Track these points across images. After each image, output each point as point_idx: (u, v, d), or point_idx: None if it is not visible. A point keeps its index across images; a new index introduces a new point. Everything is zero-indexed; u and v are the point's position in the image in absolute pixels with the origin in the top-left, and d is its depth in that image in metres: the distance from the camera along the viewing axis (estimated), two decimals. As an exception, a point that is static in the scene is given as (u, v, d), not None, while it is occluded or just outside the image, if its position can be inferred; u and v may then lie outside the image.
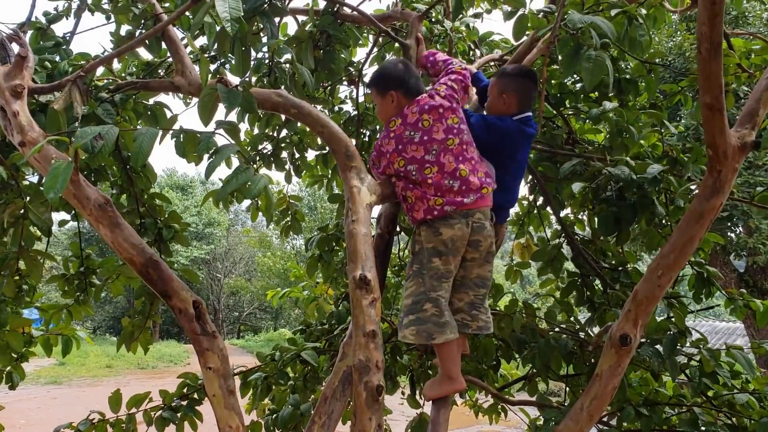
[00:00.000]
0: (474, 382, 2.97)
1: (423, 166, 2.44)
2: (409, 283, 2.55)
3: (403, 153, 2.46)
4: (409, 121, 2.48)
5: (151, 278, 2.14)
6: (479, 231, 2.48)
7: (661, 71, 10.74)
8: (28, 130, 2.10)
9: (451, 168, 2.45)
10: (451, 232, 2.44)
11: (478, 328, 2.60)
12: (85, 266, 3.58)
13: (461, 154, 2.48)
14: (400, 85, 2.57)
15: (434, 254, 2.47)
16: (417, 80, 2.61)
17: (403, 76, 2.59)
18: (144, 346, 3.73)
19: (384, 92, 2.58)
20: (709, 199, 2.14)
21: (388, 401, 4.09)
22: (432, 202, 2.43)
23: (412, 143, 2.45)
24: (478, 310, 2.60)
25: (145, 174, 3.46)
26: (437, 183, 2.43)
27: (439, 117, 2.49)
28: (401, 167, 2.48)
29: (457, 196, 2.43)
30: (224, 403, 2.26)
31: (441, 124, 2.48)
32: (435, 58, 2.87)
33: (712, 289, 3.16)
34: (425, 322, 2.45)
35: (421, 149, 2.45)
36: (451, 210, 2.42)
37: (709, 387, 3.02)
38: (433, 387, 2.65)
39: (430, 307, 2.46)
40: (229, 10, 2.03)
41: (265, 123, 4.33)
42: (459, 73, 2.67)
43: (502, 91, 2.71)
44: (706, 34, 1.88)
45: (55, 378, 20.34)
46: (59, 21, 3.21)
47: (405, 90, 2.57)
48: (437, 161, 2.44)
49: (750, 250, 11.31)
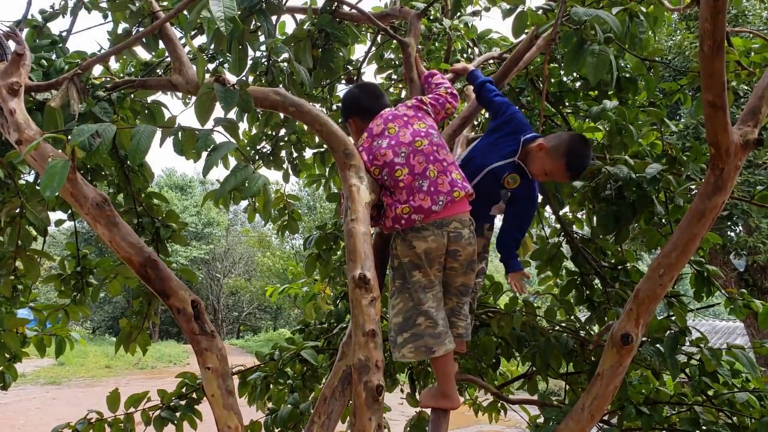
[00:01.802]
0: (473, 381, 2.96)
1: (393, 169, 2.45)
2: (396, 300, 2.55)
3: (375, 161, 2.49)
4: (375, 133, 2.55)
5: (149, 277, 2.12)
6: (456, 240, 2.46)
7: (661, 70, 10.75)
8: (25, 128, 2.08)
9: (421, 168, 2.45)
10: (424, 244, 2.42)
11: (458, 335, 2.61)
12: (82, 266, 3.56)
13: (432, 154, 2.49)
14: (356, 111, 2.72)
15: (413, 267, 2.47)
16: (375, 99, 2.70)
17: (357, 101, 2.72)
18: (142, 347, 3.71)
19: (345, 121, 2.77)
20: (711, 197, 2.13)
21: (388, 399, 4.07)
22: (399, 210, 2.43)
23: (380, 149, 2.49)
24: (457, 317, 2.60)
25: (143, 173, 3.44)
26: (408, 185, 2.43)
27: (404, 123, 2.54)
28: (377, 175, 2.49)
29: (425, 203, 2.41)
30: (223, 403, 2.24)
31: (407, 129, 2.52)
32: (431, 80, 2.90)
33: (712, 288, 3.14)
34: (421, 337, 2.44)
35: (389, 152, 2.47)
36: (419, 219, 2.41)
37: (710, 386, 3.01)
38: (429, 397, 2.66)
39: (423, 321, 2.45)
40: (223, 10, 2.01)
41: (264, 122, 4.31)
42: (441, 95, 2.74)
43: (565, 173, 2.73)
44: (709, 31, 1.86)
45: (54, 378, 20.32)
46: (55, 19, 3.19)
47: (359, 114, 2.70)
48: (407, 163, 2.45)
49: (750, 249, 11.29)
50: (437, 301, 2.49)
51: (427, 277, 2.46)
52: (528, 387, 3.53)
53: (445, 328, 2.46)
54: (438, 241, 2.42)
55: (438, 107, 2.70)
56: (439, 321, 2.45)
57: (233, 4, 2.10)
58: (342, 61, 3.89)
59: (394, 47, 4.50)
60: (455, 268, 2.51)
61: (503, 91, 3.67)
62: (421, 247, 2.42)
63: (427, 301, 2.46)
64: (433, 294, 2.48)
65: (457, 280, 2.55)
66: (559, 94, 3.75)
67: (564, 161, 2.63)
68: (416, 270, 2.46)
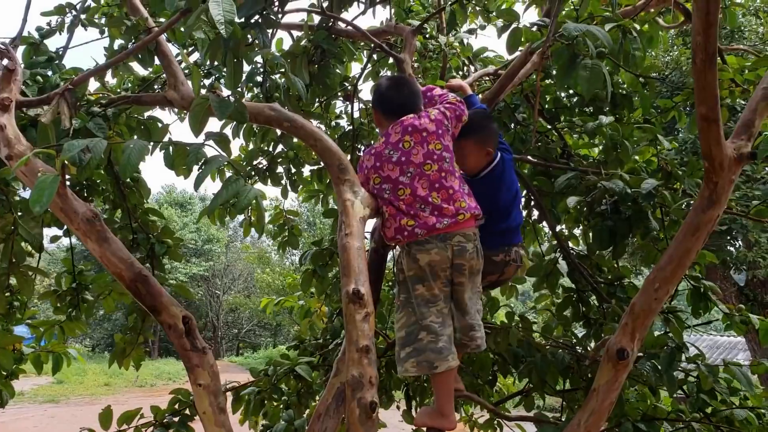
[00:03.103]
0: (470, 397, 2.94)
1: (396, 187, 2.43)
2: (400, 315, 2.51)
3: (380, 171, 2.45)
4: (390, 141, 2.48)
5: (139, 293, 2.11)
6: (460, 254, 2.43)
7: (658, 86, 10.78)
8: (15, 143, 2.08)
9: (423, 194, 2.42)
10: (427, 257, 2.40)
11: (477, 347, 2.58)
12: (78, 282, 3.55)
13: (438, 181, 2.44)
14: (379, 104, 2.63)
15: (416, 281, 2.44)
16: (403, 99, 2.59)
17: (383, 94, 2.64)
18: (136, 362, 3.69)
19: (373, 108, 2.68)
20: (706, 210, 2.12)
21: (387, 416, 4.04)
22: (404, 222, 2.41)
23: (390, 162, 2.44)
24: (474, 331, 2.55)
25: (138, 189, 3.44)
26: (408, 205, 2.41)
27: (421, 140, 2.46)
28: (376, 185, 2.46)
29: (429, 220, 2.39)
30: (215, 420, 2.22)
31: (422, 148, 2.45)
32: (432, 93, 2.81)
33: (709, 303, 3.12)
34: (423, 352, 2.40)
35: (396, 169, 2.43)
36: (422, 233, 2.39)
37: (708, 403, 2.98)
38: (425, 416, 2.60)
39: (425, 336, 2.40)
40: (223, 13, 2.01)
41: (261, 138, 4.32)
42: (453, 103, 2.64)
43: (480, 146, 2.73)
44: (701, 45, 1.86)
45: (52, 396, 20.19)
46: (52, 36, 3.20)
47: (382, 109, 2.62)
48: (411, 184, 2.41)
49: (750, 264, 11.26)
50: (442, 317, 2.43)
51: (430, 291, 2.42)
52: (525, 404, 3.50)
53: (448, 344, 2.41)
54: (441, 254, 2.40)
55: (455, 120, 2.62)
56: (443, 336, 2.40)
57: (233, 8, 2.09)
58: (338, 77, 3.90)
59: (390, 64, 4.51)
60: (463, 283, 2.48)
61: (498, 108, 3.69)
62: (425, 260, 2.40)
63: (430, 315, 2.41)
64: (437, 309, 2.43)
65: (466, 295, 2.51)
66: (554, 111, 3.76)
67: None
68: (419, 283, 2.43)
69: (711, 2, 1.75)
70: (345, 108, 4.73)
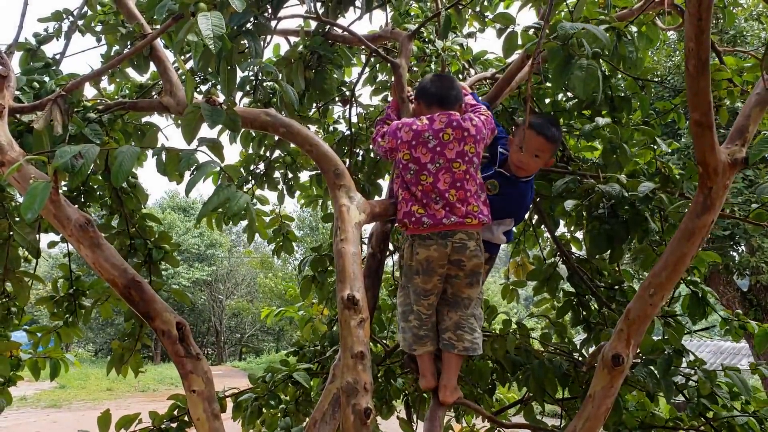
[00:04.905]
0: (468, 406, 2.92)
1: (421, 172, 2.49)
2: (400, 293, 2.74)
3: (413, 149, 2.51)
4: (434, 126, 2.53)
5: (133, 300, 2.11)
6: (460, 251, 2.50)
7: (660, 90, 10.78)
8: (8, 149, 2.08)
9: (442, 187, 2.48)
10: (426, 253, 2.50)
11: (465, 349, 2.63)
12: (75, 288, 3.55)
13: (460, 181, 2.51)
14: (422, 96, 2.70)
15: (414, 272, 2.57)
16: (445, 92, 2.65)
17: (427, 87, 2.70)
18: (135, 369, 3.67)
19: (416, 99, 2.75)
20: (700, 216, 2.12)
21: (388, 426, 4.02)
22: (414, 209, 2.49)
23: (425, 146, 2.50)
24: (463, 330, 2.63)
25: (135, 194, 3.44)
26: (424, 193, 2.48)
27: (460, 138, 2.52)
28: (403, 159, 2.52)
29: (438, 213, 2.46)
30: (209, 426, 2.23)
31: (458, 145, 2.51)
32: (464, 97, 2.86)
33: (707, 309, 3.10)
34: (407, 332, 2.66)
35: (428, 156, 2.49)
36: (428, 223, 2.47)
37: (708, 408, 2.96)
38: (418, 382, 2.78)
39: (413, 319, 2.65)
40: (212, 28, 2.02)
41: (258, 143, 4.31)
42: (488, 116, 2.71)
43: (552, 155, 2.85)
44: (694, 51, 1.86)
45: (55, 401, 20.17)
46: (49, 42, 3.21)
47: (424, 101, 2.67)
48: (435, 174, 2.48)
49: (753, 269, 11.23)
50: (431, 309, 2.63)
51: (425, 284, 2.57)
52: (524, 412, 3.48)
53: (430, 333, 2.64)
54: (440, 251, 2.49)
55: (490, 133, 2.69)
56: (426, 326, 2.63)
57: (222, 22, 2.11)
58: (335, 82, 3.90)
59: (388, 69, 4.50)
60: (460, 276, 2.57)
61: (496, 111, 3.68)
62: (423, 255, 2.50)
63: (420, 306, 2.61)
64: (428, 303, 2.61)
65: (464, 291, 2.61)
66: (552, 114, 3.74)
67: (529, 129, 2.66)
68: (417, 275, 2.56)
69: (703, 8, 1.75)
70: (343, 113, 4.73)
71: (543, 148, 2.74)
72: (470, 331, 2.63)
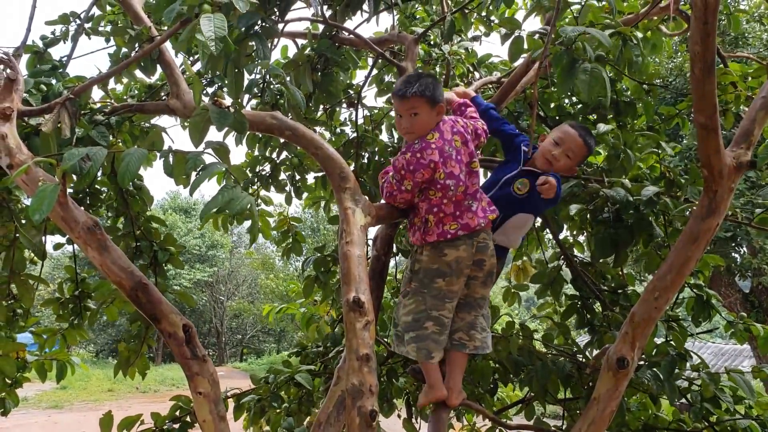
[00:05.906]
0: (470, 406, 2.92)
1: (458, 183, 2.45)
2: (408, 300, 2.57)
3: (444, 167, 2.44)
4: (446, 138, 2.48)
5: (140, 301, 2.11)
6: (483, 251, 2.52)
7: (662, 92, 10.78)
8: (16, 152, 2.09)
9: (473, 189, 2.52)
10: (456, 253, 2.47)
11: (475, 348, 2.62)
12: (81, 290, 3.56)
13: (476, 180, 2.57)
14: None
15: (437, 275, 2.49)
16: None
17: None
18: (141, 371, 3.69)
19: (435, 103, 2.46)
20: (705, 219, 2.12)
21: (389, 425, 4.02)
22: (448, 227, 2.46)
23: (451, 159, 2.46)
24: (475, 330, 2.61)
25: (141, 197, 3.45)
26: (459, 201, 2.47)
27: (465, 141, 2.54)
28: (441, 180, 2.44)
29: (472, 222, 2.47)
30: (215, 428, 2.23)
31: (466, 148, 2.54)
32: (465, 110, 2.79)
33: (711, 311, 3.11)
34: (425, 340, 2.51)
35: (457, 167, 2.47)
36: (462, 234, 2.46)
37: (711, 412, 2.96)
38: (423, 397, 2.70)
39: (431, 326, 2.51)
40: (214, 30, 2.03)
41: (264, 145, 4.33)
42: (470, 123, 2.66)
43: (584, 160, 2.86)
44: (699, 54, 1.87)
45: (56, 402, 20.18)
46: (56, 45, 3.21)
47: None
48: (465, 182, 2.49)
49: (755, 271, 11.22)
50: (452, 312, 2.55)
51: (449, 287, 2.50)
52: (525, 413, 3.49)
53: (446, 338, 2.54)
54: (468, 251, 2.48)
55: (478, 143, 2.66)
56: (446, 331, 2.53)
57: (224, 24, 2.11)
58: (342, 85, 3.92)
59: (394, 71, 4.52)
60: (478, 277, 2.57)
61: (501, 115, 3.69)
62: (453, 256, 2.47)
63: (443, 309, 2.51)
64: (451, 305, 2.53)
65: (478, 291, 2.61)
66: (558, 119, 3.75)
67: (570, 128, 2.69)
68: (440, 277, 2.49)
69: (709, 12, 1.75)
70: (349, 115, 4.74)
71: (577, 150, 2.70)
72: (481, 330, 2.63)
